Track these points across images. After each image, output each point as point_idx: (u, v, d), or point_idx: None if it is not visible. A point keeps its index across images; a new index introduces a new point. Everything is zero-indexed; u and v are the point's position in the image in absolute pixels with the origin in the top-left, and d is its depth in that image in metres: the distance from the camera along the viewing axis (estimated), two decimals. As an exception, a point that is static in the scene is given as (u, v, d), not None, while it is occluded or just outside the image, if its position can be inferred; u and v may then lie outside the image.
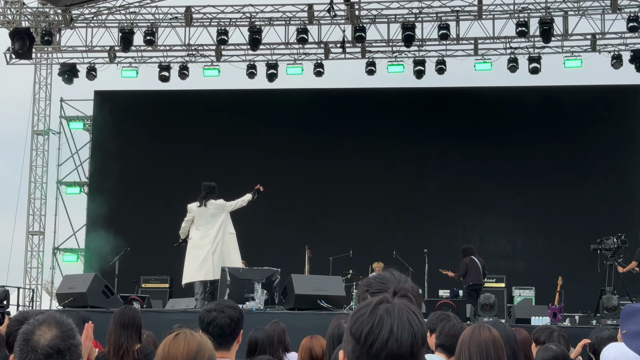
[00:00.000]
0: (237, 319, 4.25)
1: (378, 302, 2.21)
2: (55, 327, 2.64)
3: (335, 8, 19.62)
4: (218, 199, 13.19)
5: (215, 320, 4.16)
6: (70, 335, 2.66)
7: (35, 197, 22.43)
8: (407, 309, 2.20)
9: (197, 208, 13.12)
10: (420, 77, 20.90)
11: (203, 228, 12.98)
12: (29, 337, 2.61)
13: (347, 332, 2.22)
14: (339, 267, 17.02)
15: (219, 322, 4.16)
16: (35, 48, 21.18)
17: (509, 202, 20.90)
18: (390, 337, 2.13)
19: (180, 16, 20.86)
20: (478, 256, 16.10)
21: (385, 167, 21.18)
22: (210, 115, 21.91)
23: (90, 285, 11.91)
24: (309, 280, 11.97)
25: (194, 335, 3.18)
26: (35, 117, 22.59)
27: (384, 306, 2.20)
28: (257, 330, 6.18)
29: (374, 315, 2.17)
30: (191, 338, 3.16)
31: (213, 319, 4.20)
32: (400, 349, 2.13)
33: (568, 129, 20.83)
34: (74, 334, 2.68)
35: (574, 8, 20.06)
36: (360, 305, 2.27)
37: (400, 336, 2.14)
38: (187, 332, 3.18)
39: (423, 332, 2.19)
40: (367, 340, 2.14)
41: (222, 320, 4.16)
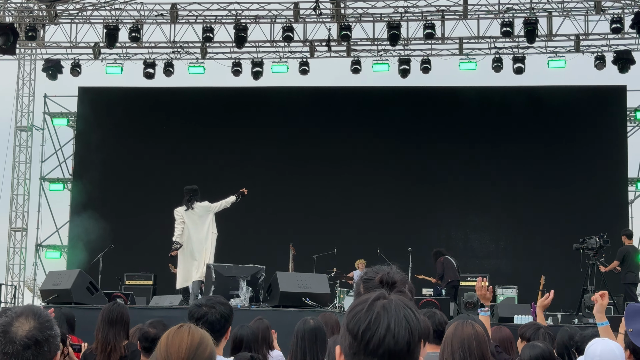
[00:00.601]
0: (227, 316, 4.25)
1: (375, 299, 2.22)
2: (32, 318, 2.66)
3: (321, 6, 19.66)
4: (202, 201, 13.43)
5: (206, 316, 4.16)
6: (48, 327, 2.67)
7: (18, 193, 22.34)
8: (403, 306, 2.21)
9: (184, 212, 13.34)
10: (405, 76, 20.96)
11: (192, 230, 13.23)
12: (7, 329, 2.63)
13: (344, 328, 2.22)
14: (323, 265, 17.05)
15: (209, 317, 4.16)
16: (19, 43, 21.08)
17: (492, 202, 21.00)
18: (387, 334, 2.14)
19: (165, 13, 20.82)
20: (451, 255, 16.29)
21: (369, 166, 21.22)
22: (195, 113, 21.89)
23: (75, 281, 11.87)
24: (294, 277, 11.99)
25: (197, 329, 3.21)
26: (18, 113, 22.49)
27: (380, 302, 2.20)
28: (241, 327, 6.18)
29: (371, 311, 2.18)
30: (195, 331, 3.20)
31: (203, 315, 4.20)
32: (397, 346, 2.14)
33: (551, 129, 20.95)
34: (52, 325, 2.69)
35: (558, 9, 20.17)
36: (357, 301, 2.27)
37: (397, 333, 2.14)
38: (191, 325, 3.22)
39: (420, 329, 2.20)
40: (365, 336, 2.15)
41: (212, 316, 4.16)
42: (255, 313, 10.27)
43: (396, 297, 2.25)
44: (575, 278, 15.78)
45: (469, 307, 14.85)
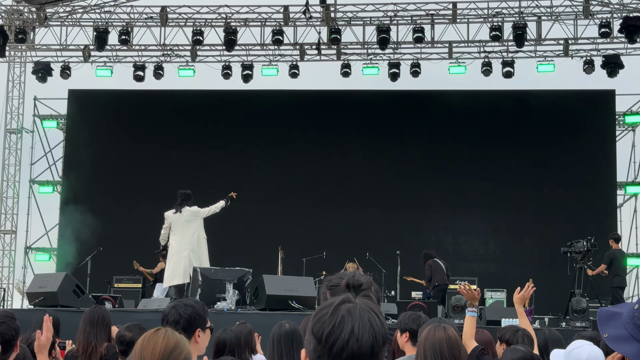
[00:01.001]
0: (202, 313, 4.27)
1: (340, 303, 2.24)
2: None
3: (310, 10, 19.69)
4: (192, 206, 13.71)
5: (167, 317, 4.21)
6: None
7: (8, 195, 22.30)
8: (368, 309, 2.23)
9: (172, 215, 13.71)
10: (395, 79, 21.01)
11: (179, 234, 13.57)
12: None
13: (309, 332, 2.24)
14: (312, 269, 17.06)
15: (169, 318, 4.20)
16: (9, 46, 21.07)
17: (482, 205, 21.04)
18: (351, 338, 2.16)
19: (155, 16, 20.82)
20: (440, 258, 16.31)
21: (358, 169, 21.25)
22: (185, 116, 21.89)
23: (61, 284, 11.86)
24: (280, 280, 12.01)
25: (174, 333, 3.23)
26: (8, 116, 22.46)
27: (345, 306, 2.22)
28: (224, 330, 6.19)
29: (336, 315, 2.20)
30: (171, 335, 3.22)
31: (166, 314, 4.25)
32: (361, 349, 2.16)
33: (540, 133, 21.02)
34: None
35: (547, 13, 20.25)
36: (322, 305, 2.29)
37: (360, 337, 2.17)
38: (167, 329, 3.24)
39: (384, 333, 2.22)
40: (328, 340, 2.17)
41: (171, 317, 4.20)
42: (242, 316, 10.29)
43: (361, 301, 2.26)
44: (562, 281, 15.84)
45: (457, 310, 14.89)
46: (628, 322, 2.45)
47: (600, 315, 2.55)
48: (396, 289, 17.02)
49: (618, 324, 2.47)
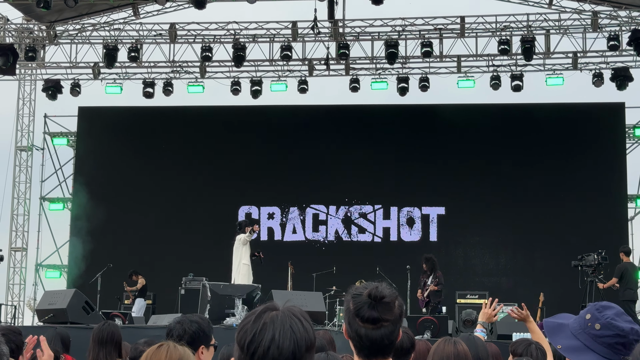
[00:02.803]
0: (207, 330, 4.25)
1: (262, 311, 2.27)
2: None
3: (319, 25, 19.74)
4: (240, 234, 14.59)
5: (172, 332, 4.20)
6: None
7: (18, 213, 22.35)
8: (290, 316, 2.25)
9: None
10: (404, 94, 21.01)
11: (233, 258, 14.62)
12: None
13: (235, 341, 2.27)
14: (322, 284, 17.02)
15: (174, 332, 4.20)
16: (19, 64, 21.19)
17: (492, 219, 20.98)
18: (271, 345, 2.19)
19: (164, 33, 20.92)
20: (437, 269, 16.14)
21: (368, 183, 21.24)
22: (195, 132, 21.93)
23: (70, 301, 11.86)
24: (289, 296, 11.99)
25: (177, 348, 3.23)
26: (18, 133, 22.54)
27: (268, 314, 2.25)
28: (229, 346, 6.16)
29: (257, 324, 2.23)
30: (174, 350, 3.22)
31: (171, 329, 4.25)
32: (282, 356, 2.19)
33: (550, 147, 20.96)
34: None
35: (555, 27, 20.24)
36: (248, 314, 2.32)
37: (281, 344, 2.19)
38: (170, 344, 3.24)
39: (308, 338, 2.24)
40: (250, 348, 2.21)
41: (176, 331, 4.19)
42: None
43: (286, 308, 2.29)
44: (573, 295, 15.75)
45: (468, 324, 14.81)
46: (580, 332, 2.46)
47: (547, 327, 2.56)
48: (407, 304, 16.95)
49: (567, 334, 2.48)
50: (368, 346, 2.82)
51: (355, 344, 2.86)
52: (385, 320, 2.81)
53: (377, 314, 2.80)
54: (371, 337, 2.80)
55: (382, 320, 2.80)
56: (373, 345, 2.82)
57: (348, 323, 2.87)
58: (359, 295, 2.86)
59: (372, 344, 2.82)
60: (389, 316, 2.82)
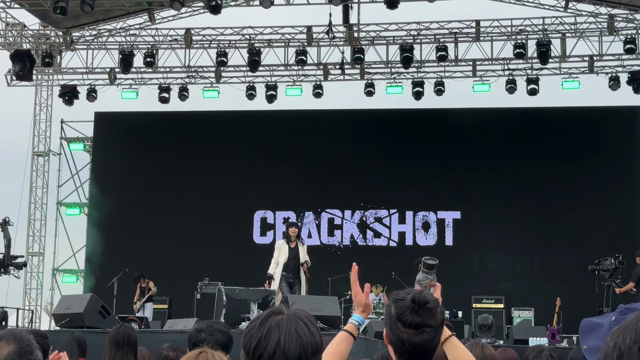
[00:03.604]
0: (226, 344, 4.25)
1: (268, 315, 2.27)
2: (13, 342, 2.68)
3: (334, 30, 19.74)
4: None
5: (203, 343, 4.17)
6: (27, 352, 2.69)
7: (35, 218, 22.47)
8: (296, 320, 2.24)
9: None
10: (419, 98, 21.00)
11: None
12: None
13: (241, 346, 2.27)
14: (337, 289, 16.99)
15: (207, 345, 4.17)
16: (36, 70, 21.31)
17: (508, 224, 20.90)
18: (277, 350, 2.18)
19: (180, 38, 20.99)
20: None
21: (384, 188, 21.22)
22: (210, 137, 21.98)
23: (87, 305, 11.88)
24: (305, 300, 11.96)
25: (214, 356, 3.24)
26: (35, 139, 22.68)
27: (273, 318, 2.24)
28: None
29: (263, 328, 2.23)
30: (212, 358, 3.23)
31: (201, 340, 4.20)
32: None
33: (566, 150, 20.87)
34: (33, 349, 2.71)
35: (571, 30, 20.17)
36: (254, 318, 2.32)
37: (287, 348, 2.18)
38: (209, 351, 3.26)
39: (314, 342, 2.23)
40: (255, 353, 2.20)
41: (210, 344, 4.16)
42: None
43: (291, 312, 2.28)
44: (591, 300, 15.66)
45: (484, 329, 14.78)
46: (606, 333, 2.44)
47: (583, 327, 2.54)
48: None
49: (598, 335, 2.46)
50: (409, 351, 2.82)
51: (396, 349, 2.86)
52: (428, 325, 2.81)
53: (420, 319, 2.80)
54: (413, 343, 2.80)
55: (425, 326, 2.81)
56: (414, 351, 2.82)
57: (389, 328, 2.87)
58: (402, 300, 2.86)
59: (413, 349, 2.81)
60: (431, 322, 2.82)
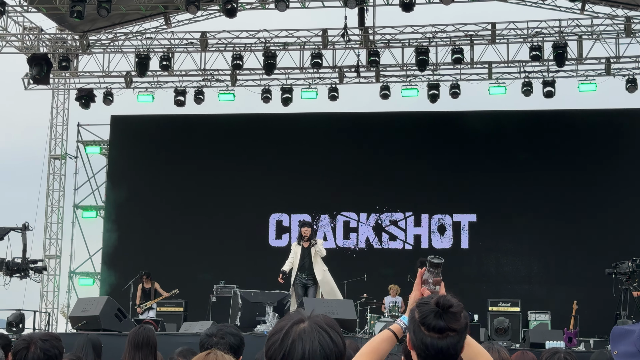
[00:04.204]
0: (237, 347, 4.25)
1: (290, 326, 2.30)
2: None
3: (349, 33, 19.74)
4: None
5: (215, 347, 4.17)
6: None
7: (52, 221, 22.58)
8: (318, 330, 2.29)
9: None
10: (435, 101, 20.96)
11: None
12: None
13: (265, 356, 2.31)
14: (353, 292, 16.98)
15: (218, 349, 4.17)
16: (53, 73, 21.44)
17: (524, 226, 20.80)
18: None
19: (195, 41, 21.06)
20: None
21: (399, 190, 21.18)
22: (226, 140, 22.02)
23: (103, 308, 11.95)
24: (320, 303, 11.97)
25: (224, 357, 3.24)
26: (52, 142, 22.79)
27: (296, 330, 2.29)
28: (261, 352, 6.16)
29: (286, 342, 2.27)
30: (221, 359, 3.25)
31: (213, 345, 4.21)
32: None
33: (582, 153, 20.77)
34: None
35: (588, 32, 20.08)
36: (275, 329, 2.35)
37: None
38: (218, 352, 3.27)
39: (337, 351, 2.28)
40: None
41: (222, 347, 4.16)
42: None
43: (312, 322, 2.32)
44: (608, 303, 15.57)
45: (500, 332, 14.72)
46: (637, 339, 2.42)
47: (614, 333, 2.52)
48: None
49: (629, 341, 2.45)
50: (433, 355, 2.81)
51: (420, 353, 2.85)
52: (452, 329, 2.80)
53: (444, 323, 2.79)
54: (437, 347, 2.79)
55: (449, 330, 2.80)
56: (438, 355, 2.81)
57: (413, 332, 2.85)
58: (426, 304, 2.85)
59: (437, 354, 2.80)
60: (455, 326, 2.80)
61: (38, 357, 4.20)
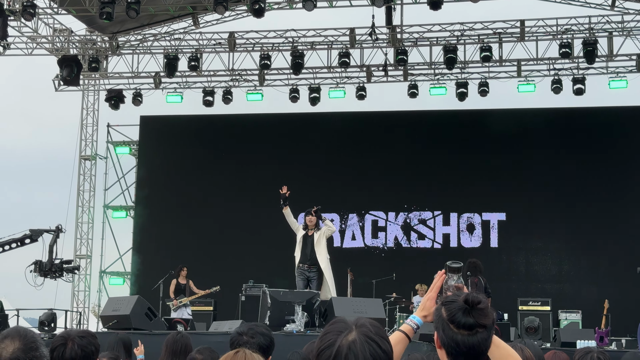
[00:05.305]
0: (267, 347, 4.26)
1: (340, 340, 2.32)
2: (18, 340, 2.71)
3: (376, 32, 19.70)
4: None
5: (245, 346, 4.19)
6: (32, 348, 2.72)
7: (83, 221, 22.77)
8: (368, 341, 2.31)
9: None
10: (463, 99, 20.86)
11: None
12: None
13: None
14: (382, 291, 16.96)
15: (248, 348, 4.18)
16: (83, 75, 21.62)
17: (554, 225, 20.65)
18: None
19: (223, 42, 21.14)
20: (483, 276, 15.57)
21: (427, 189, 21.12)
22: (254, 139, 22.07)
23: (133, 307, 12.02)
24: (349, 302, 11.96)
25: (252, 356, 3.25)
26: (82, 143, 23.00)
27: (346, 343, 2.30)
28: (293, 353, 6.16)
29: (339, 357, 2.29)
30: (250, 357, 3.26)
31: (243, 344, 4.22)
32: None
33: (613, 151, 20.56)
34: (37, 346, 2.74)
35: (618, 29, 19.88)
36: (323, 344, 2.37)
37: None
38: (246, 351, 3.28)
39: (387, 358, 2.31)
40: None
41: (251, 347, 4.17)
42: (311, 338, 10.27)
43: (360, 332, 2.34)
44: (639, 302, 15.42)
45: (530, 331, 14.63)
46: None
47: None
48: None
49: None
50: (465, 352, 2.81)
51: (450, 351, 2.84)
52: (482, 325, 2.80)
53: (474, 320, 2.79)
54: (468, 344, 2.79)
55: (478, 326, 2.80)
56: (470, 352, 2.81)
57: (442, 330, 2.85)
58: (453, 302, 2.86)
59: (469, 350, 2.80)
60: (485, 321, 2.81)
61: (75, 353, 4.25)
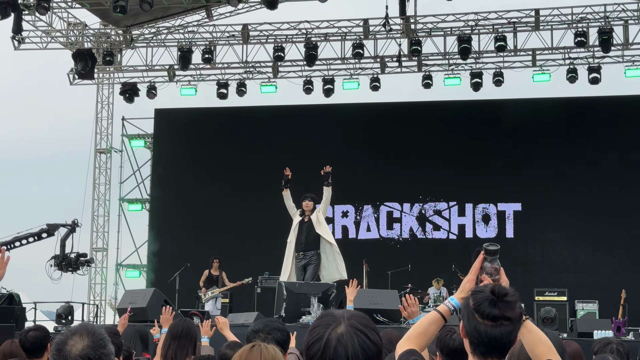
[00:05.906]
0: (284, 342, 4.27)
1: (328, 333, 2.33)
2: (86, 337, 2.72)
3: (390, 22, 19.63)
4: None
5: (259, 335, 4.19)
6: (101, 345, 2.73)
7: (99, 214, 22.86)
8: (356, 333, 2.32)
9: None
10: (478, 89, 20.78)
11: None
12: (61, 347, 2.69)
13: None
14: (397, 282, 16.96)
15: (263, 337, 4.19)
16: (97, 68, 21.66)
17: (570, 215, 20.56)
18: None
19: (237, 34, 21.12)
20: None
21: (442, 180, 21.06)
22: (268, 131, 22.07)
23: (150, 300, 12.09)
24: (365, 294, 11.95)
25: (268, 349, 3.27)
26: (97, 136, 23.07)
27: (334, 336, 2.31)
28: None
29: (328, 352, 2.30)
30: (266, 351, 3.28)
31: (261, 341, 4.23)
32: None
33: (629, 140, 20.45)
34: (105, 343, 2.76)
35: (634, 17, 19.72)
36: (312, 338, 2.38)
37: None
38: (262, 345, 3.29)
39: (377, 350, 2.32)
40: None
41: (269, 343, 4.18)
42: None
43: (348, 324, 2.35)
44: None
45: (547, 322, 14.58)
46: None
47: None
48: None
49: None
50: (486, 343, 2.80)
51: (472, 341, 2.84)
52: (506, 318, 2.79)
53: (499, 312, 2.79)
54: (491, 335, 2.79)
55: (503, 318, 2.79)
56: (491, 343, 2.80)
57: (467, 319, 2.86)
58: (481, 291, 2.85)
59: (490, 341, 2.79)
60: (510, 314, 2.80)
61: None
